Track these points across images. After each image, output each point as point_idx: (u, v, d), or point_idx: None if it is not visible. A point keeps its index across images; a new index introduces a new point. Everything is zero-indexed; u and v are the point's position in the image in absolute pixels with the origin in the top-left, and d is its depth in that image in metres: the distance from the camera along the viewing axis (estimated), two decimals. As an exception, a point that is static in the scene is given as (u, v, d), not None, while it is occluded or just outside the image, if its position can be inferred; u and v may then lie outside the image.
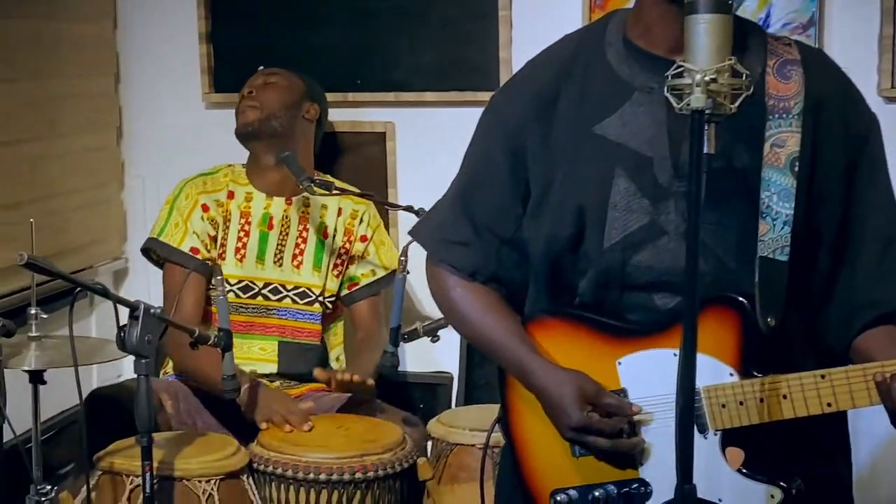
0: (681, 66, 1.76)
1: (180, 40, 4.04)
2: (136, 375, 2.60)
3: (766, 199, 1.94)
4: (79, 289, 2.62)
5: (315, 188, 3.31)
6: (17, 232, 3.48)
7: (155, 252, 3.47)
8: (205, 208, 3.46)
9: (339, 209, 3.55)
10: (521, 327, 2.12)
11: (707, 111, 1.73)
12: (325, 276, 3.51)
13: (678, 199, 1.95)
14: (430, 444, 3.24)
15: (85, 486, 2.86)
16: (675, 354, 1.82)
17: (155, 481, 2.63)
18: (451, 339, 3.54)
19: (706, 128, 1.74)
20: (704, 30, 1.75)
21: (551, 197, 2.04)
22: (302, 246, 3.51)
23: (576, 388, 1.98)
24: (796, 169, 1.93)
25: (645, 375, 1.98)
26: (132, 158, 4.19)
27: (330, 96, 3.90)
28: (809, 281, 1.99)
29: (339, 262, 3.54)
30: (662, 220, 1.97)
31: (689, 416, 1.78)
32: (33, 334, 2.86)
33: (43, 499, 2.81)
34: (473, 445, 3.08)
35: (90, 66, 3.98)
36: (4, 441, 2.77)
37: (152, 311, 2.57)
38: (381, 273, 3.59)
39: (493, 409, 3.30)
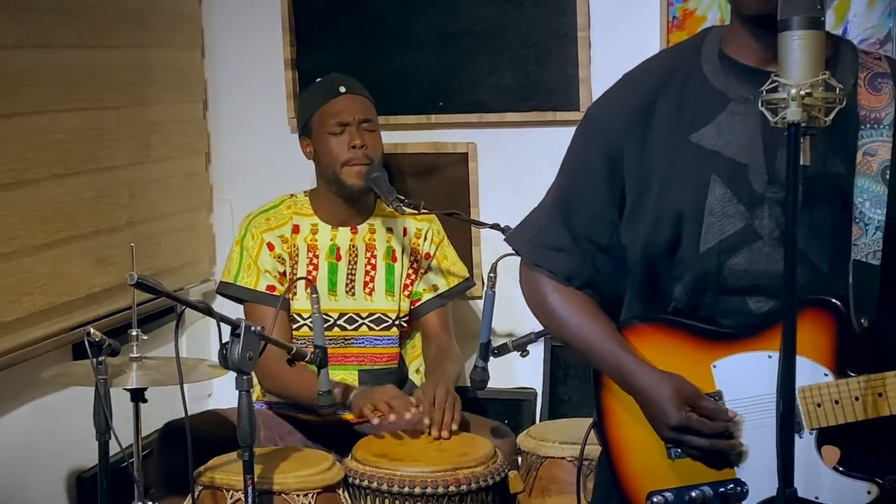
0: (776, 81, 1.81)
1: (266, 67, 4.13)
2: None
3: (858, 205, 1.99)
4: (183, 308, 2.70)
5: (404, 207, 3.37)
6: (115, 255, 3.60)
7: (232, 296, 3.50)
8: (270, 247, 3.48)
9: (404, 229, 3.59)
10: (617, 331, 2.18)
11: (803, 124, 1.78)
12: (398, 299, 3.55)
13: (772, 205, 2.02)
14: (519, 457, 3.28)
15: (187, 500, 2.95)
16: (769, 356, 1.89)
17: (255, 495, 2.70)
18: (535, 355, 3.59)
19: (801, 140, 1.80)
20: (799, 45, 1.80)
21: (647, 203, 2.11)
22: (372, 273, 3.54)
23: (674, 388, 2.05)
24: (887, 177, 1.99)
25: (740, 378, 2.04)
26: (220, 182, 4.29)
27: (412, 118, 3.99)
28: None
29: (408, 282, 3.58)
30: (757, 224, 2.03)
31: (790, 423, 1.83)
32: (134, 354, 2.94)
33: (145, 515, 2.89)
34: (564, 458, 3.11)
35: (180, 93, 4.09)
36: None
37: (253, 328, 2.64)
38: (444, 286, 3.64)
39: (581, 423, 3.38)
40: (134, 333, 2.95)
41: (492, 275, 3.27)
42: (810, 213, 1.99)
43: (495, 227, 3.43)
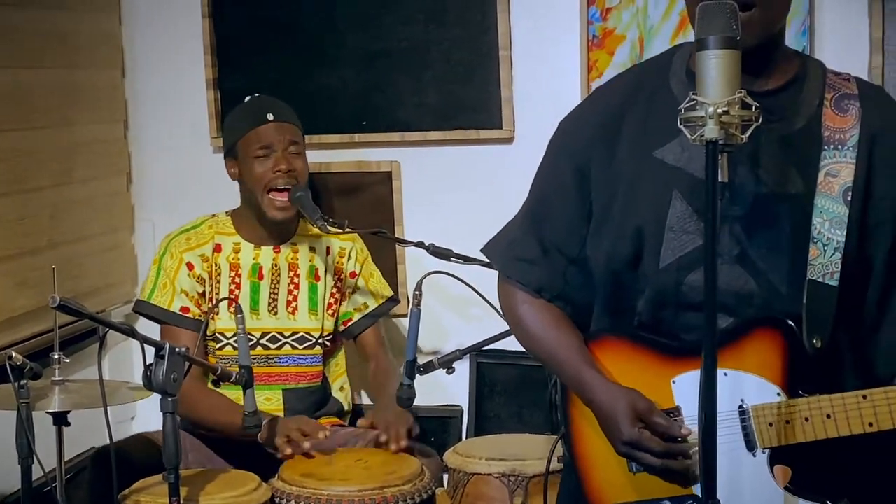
0: (693, 100, 1.84)
1: (187, 87, 4.11)
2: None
3: (817, 225, 2.01)
4: (106, 330, 2.68)
5: (329, 227, 3.37)
6: (37, 277, 3.56)
7: (146, 314, 3.50)
8: (190, 266, 3.47)
9: (327, 248, 3.60)
10: (583, 344, 2.20)
11: (720, 141, 1.81)
12: (321, 318, 3.56)
13: (732, 223, 2.03)
14: (446, 474, 3.29)
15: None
16: (725, 374, 1.90)
17: (181, 517, 2.68)
18: (460, 372, 3.61)
19: (719, 157, 1.82)
20: (715, 64, 1.83)
21: (612, 217, 2.13)
22: (295, 292, 3.54)
23: (628, 403, 2.06)
24: (849, 198, 2.01)
25: (697, 394, 2.02)
26: (142, 203, 4.26)
27: (336, 137, 3.99)
28: (862, 306, 2.07)
29: (332, 301, 3.59)
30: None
31: (711, 440, 1.84)
32: (56, 378, 2.92)
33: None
34: (490, 475, 3.12)
35: (100, 113, 4.05)
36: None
37: (177, 350, 2.63)
38: (373, 304, 3.66)
39: (507, 440, 3.43)
40: (56, 356, 2.92)
41: (417, 293, 3.27)
42: (770, 232, 2.03)
43: (420, 245, 3.45)
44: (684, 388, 2.09)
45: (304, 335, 3.54)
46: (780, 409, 2.01)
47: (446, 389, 3.93)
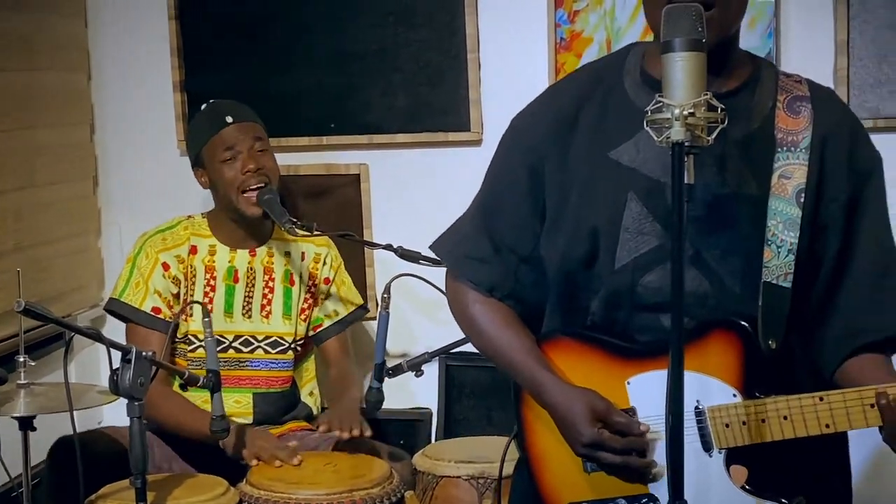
0: (660, 102, 1.84)
1: (154, 89, 4.10)
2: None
3: (771, 228, 2.02)
4: (72, 334, 2.67)
5: (297, 229, 3.36)
6: (2, 281, 3.53)
7: (117, 313, 3.48)
8: (165, 266, 3.45)
9: (302, 254, 3.59)
10: (535, 345, 2.18)
11: (686, 143, 1.81)
12: (295, 322, 3.55)
13: (688, 224, 2.02)
14: (416, 477, 3.28)
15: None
16: None
17: (149, 522, 2.67)
18: (429, 375, 3.60)
19: (685, 159, 1.83)
20: (681, 67, 1.84)
21: (567, 216, 2.12)
22: (269, 296, 3.54)
23: (586, 405, 2.05)
24: (802, 200, 2.03)
25: (653, 395, 2.03)
26: (108, 206, 4.24)
27: (305, 140, 3.99)
28: (808, 305, 2.08)
29: (305, 306, 3.58)
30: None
31: (678, 439, 1.85)
32: (22, 381, 2.90)
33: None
34: (459, 477, 3.12)
35: (66, 116, 4.03)
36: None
37: (144, 354, 2.62)
38: (343, 312, 3.66)
39: (476, 442, 3.43)
40: (21, 360, 2.91)
41: (385, 295, 3.28)
42: (724, 233, 2.03)
43: (388, 247, 3.44)
44: (639, 389, 2.09)
45: (278, 339, 3.53)
46: (737, 411, 2.02)
47: (415, 392, 3.93)
